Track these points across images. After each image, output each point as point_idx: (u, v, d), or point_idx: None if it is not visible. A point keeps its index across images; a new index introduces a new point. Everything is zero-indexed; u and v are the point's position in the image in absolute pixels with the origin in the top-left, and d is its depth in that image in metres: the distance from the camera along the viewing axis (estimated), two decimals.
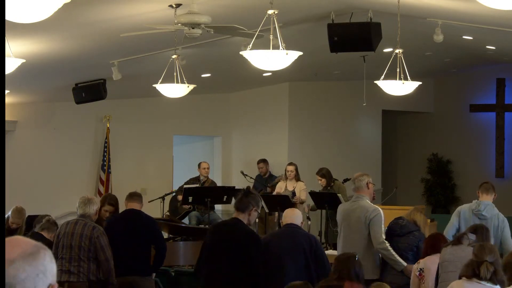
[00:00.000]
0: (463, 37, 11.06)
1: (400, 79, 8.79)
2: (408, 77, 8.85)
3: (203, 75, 12.78)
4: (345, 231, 7.71)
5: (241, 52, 7.15)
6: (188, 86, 9.55)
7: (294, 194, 12.16)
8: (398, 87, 8.99)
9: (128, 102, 14.08)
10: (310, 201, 12.10)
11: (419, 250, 7.44)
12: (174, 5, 7.99)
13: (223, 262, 6.23)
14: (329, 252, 8.74)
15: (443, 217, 12.26)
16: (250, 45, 7.12)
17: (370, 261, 7.51)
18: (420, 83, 9.17)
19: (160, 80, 9.56)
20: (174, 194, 13.27)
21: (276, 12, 6.95)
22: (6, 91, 10.40)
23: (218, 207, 13.79)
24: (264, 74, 12.86)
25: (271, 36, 6.87)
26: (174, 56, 9.44)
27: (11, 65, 7.72)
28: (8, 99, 11.91)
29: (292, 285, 5.19)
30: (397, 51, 8.69)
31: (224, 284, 6.20)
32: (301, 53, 7.04)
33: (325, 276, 6.57)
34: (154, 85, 9.73)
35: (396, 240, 7.60)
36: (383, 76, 8.97)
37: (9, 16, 4.35)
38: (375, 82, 9.19)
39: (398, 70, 8.74)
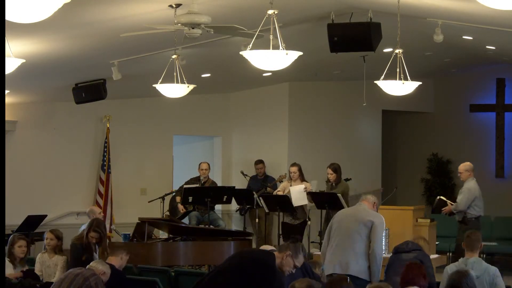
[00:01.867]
0: (463, 37, 11.05)
1: (400, 79, 8.78)
2: (408, 77, 8.84)
3: (203, 75, 12.78)
4: (342, 232, 7.87)
5: (241, 52, 7.14)
6: (188, 86, 9.56)
7: None
8: (398, 87, 8.98)
9: (128, 102, 14.09)
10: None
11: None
12: (174, 5, 7.99)
13: None
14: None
15: (443, 217, 12.25)
16: (250, 45, 7.11)
17: (365, 262, 7.73)
18: (420, 83, 9.16)
19: (160, 80, 9.56)
20: (174, 194, 13.28)
21: (276, 12, 6.94)
22: (6, 91, 10.40)
23: (218, 207, 13.80)
24: (264, 74, 12.86)
25: (271, 36, 6.86)
26: (174, 56, 9.44)
27: (11, 65, 7.72)
28: (8, 99, 11.91)
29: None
30: (397, 51, 8.68)
31: None
32: (301, 53, 7.03)
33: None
34: (154, 85, 9.73)
35: (404, 255, 7.75)
36: (383, 76, 8.96)
37: (9, 16, 4.36)
38: (375, 82, 9.18)
39: (398, 70, 8.73)
